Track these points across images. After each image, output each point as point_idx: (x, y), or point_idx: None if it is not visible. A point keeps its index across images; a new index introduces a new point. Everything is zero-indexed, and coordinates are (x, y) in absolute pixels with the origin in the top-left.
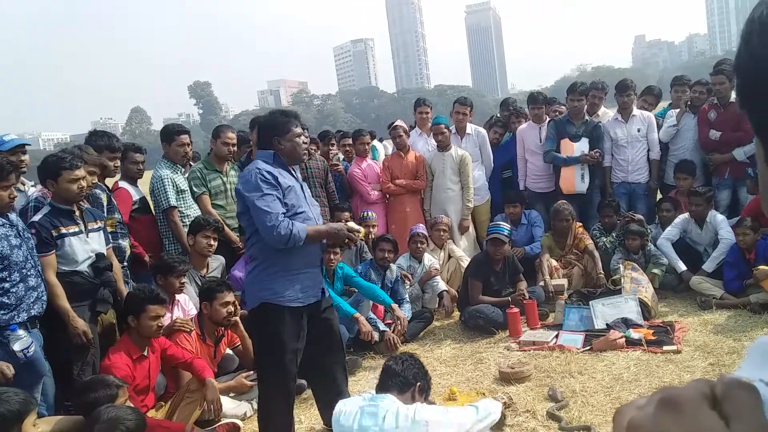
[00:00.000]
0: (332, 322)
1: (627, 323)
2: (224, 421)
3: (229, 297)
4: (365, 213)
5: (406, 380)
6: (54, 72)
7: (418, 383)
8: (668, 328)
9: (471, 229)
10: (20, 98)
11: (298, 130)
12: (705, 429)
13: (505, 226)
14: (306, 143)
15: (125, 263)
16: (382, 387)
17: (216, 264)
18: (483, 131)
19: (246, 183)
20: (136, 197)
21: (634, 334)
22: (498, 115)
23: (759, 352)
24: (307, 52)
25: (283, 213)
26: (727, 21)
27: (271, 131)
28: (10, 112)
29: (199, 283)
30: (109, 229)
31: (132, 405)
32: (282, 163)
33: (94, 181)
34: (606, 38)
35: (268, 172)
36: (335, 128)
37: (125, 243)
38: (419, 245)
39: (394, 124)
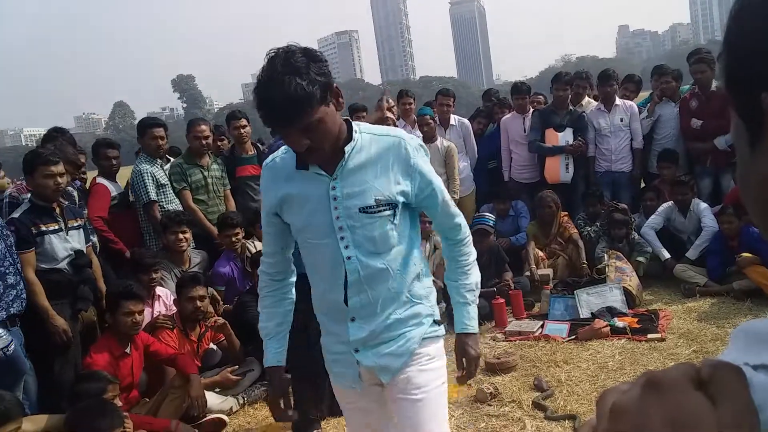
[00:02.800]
0: None
1: (612, 312)
2: (210, 416)
3: (198, 291)
4: None
5: None
6: (35, 67)
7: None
8: (652, 316)
9: None
10: (0, 94)
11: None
12: (690, 409)
13: (490, 217)
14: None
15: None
16: None
17: (198, 259)
18: (466, 122)
19: None
20: (114, 192)
21: (619, 322)
22: (481, 106)
23: (742, 336)
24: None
25: None
26: (709, 11)
27: None
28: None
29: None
30: None
31: (120, 402)
32: None
33: (66, 180)
34: (590, 28)
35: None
36: None
37: (93, 239)
38: None
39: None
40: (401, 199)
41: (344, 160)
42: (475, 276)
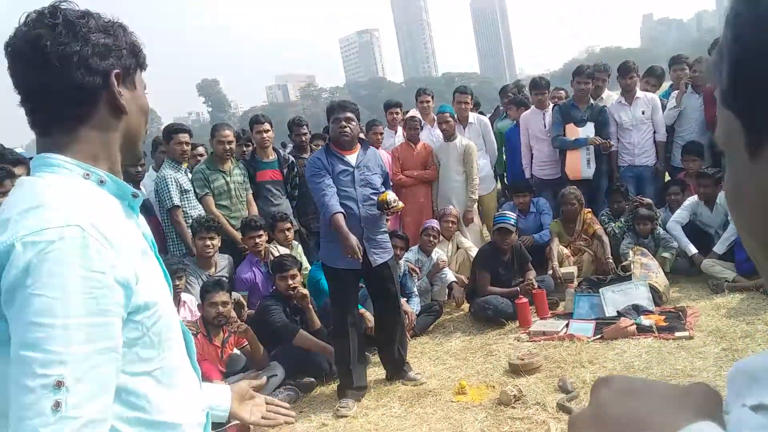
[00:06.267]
0: (385, 285)
1: (638, 310)
2: (233, 422)
3: (221, 297)
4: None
5: None
6: None
7: None
8: (680, 313)
9: (476, 220)
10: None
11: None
12: (637, 382)
13: (512, 215)
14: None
15: None
16: None
17: (224, 263)
18: (485, 119)
19: None
20: None
21: (645, 320)
22: (500, 104)
23: (739, 376)
24: (314, 45)
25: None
26: None
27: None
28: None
29: None
30: None
31: None
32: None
33: None
34: (613, 18)
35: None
36: None
37: None
38: (431, 239)
39: (410, 115)
40: None
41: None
42: None
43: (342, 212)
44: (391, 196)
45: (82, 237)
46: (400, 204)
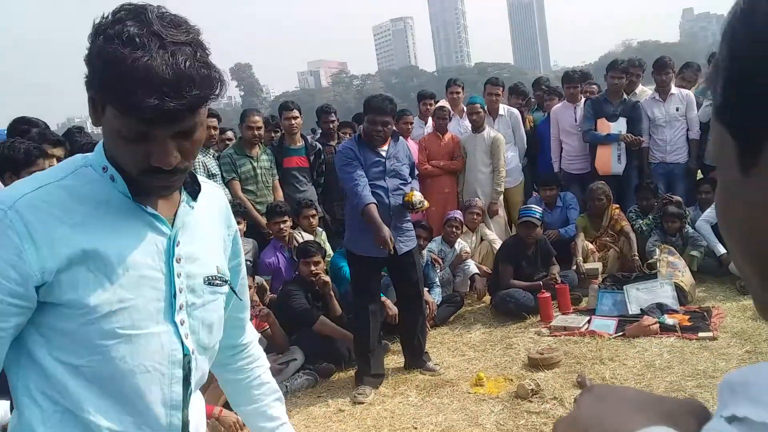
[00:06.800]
0: (407, 273)
1: (662, 309)
2: None
3: None
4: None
5: None
6: None
7: None
8: (705, 313)
9: (501, 212)
10: (68, 83)
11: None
12: (619, 390)
13: (537, 209)
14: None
15: None
16: None
17: (248, 247)
18: (516, 112)
19: None
20: None
21: (669, 319)
22: (532, 95)
23: (724, 389)
24: (347, 32)
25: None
26: None
27: None
28: (59, 96)
29: None
30: None
31: None
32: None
33: None
34: (652, 12)
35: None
36: None
37: None
38: (454, 230)
39: (440, 105)
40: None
41: (183, 203)
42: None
43: (375, 203)
44: (417, 197)
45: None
46: (426, 204)
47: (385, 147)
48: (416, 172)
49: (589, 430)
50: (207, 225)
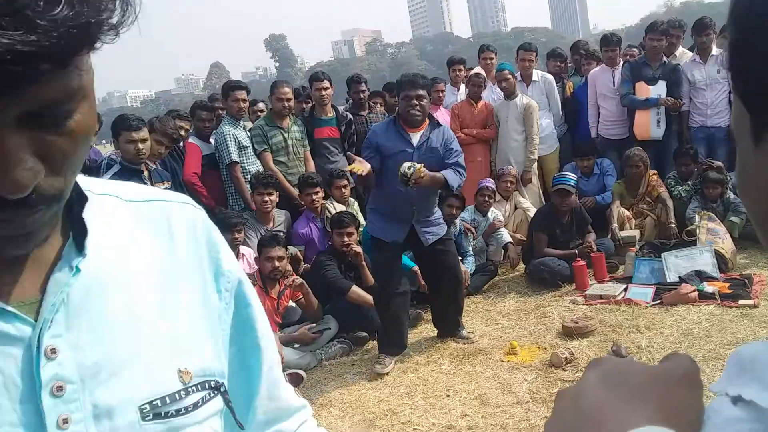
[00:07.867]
0: (441, 257)
1: (701, 276)
2: (288, 371)
3: (276, 252)
4: None
5: None
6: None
7: None
8: (746, 281)
9: (535, 180)
10: (106, 58)
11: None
12: (623, 364)
13: (571, 176)
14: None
15: None
16: None
17: (281, 218)
18: (550, 77)
19: None
20: (206, 152)
21: (708, 287)
22: (570, 60)
23: (733, 362)
24: (381, 0)
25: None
26: None
27: None
28: (98, 71)
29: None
30: None
31: None
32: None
33: (160, 151)
34: None
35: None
36: None
37: None
38: (487, 199)
39: (475, 71)
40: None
41: (62, 262)
42: None
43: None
44: (404, 167)
45: None
46: (418, 167)
47: (419, 134)
48: (458, 157)
49: (584, 416)
50: (147, 287)
